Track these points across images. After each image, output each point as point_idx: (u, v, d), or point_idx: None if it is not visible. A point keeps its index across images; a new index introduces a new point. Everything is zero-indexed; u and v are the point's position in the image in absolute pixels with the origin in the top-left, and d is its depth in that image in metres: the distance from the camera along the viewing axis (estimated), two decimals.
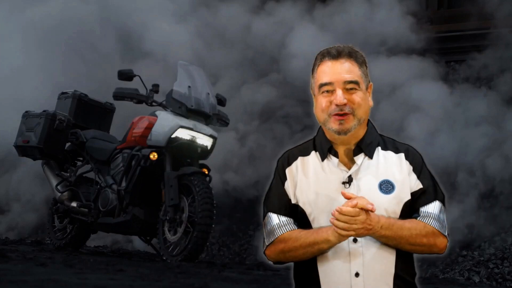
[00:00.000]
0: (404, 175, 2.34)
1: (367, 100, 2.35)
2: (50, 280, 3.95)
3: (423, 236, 2.28)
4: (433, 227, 2.30)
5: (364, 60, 2.36)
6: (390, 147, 2.39)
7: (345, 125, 2.30)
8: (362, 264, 2.26)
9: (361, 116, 2.31)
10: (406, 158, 2.37)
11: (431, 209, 2.32)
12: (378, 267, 2.27)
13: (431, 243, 2.30)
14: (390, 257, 2.29)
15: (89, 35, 9.68)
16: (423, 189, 2.34)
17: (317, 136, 2.42)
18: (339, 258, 2.28)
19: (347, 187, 2.31)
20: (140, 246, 8.39)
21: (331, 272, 2.29)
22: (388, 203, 2.30)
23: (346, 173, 2.33)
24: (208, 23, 9.99)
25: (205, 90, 6.43)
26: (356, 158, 2.34)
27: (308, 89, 2.44)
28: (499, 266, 7.08)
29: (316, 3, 10.04)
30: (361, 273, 2.26)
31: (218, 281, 4.70)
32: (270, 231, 2.38)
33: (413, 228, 2.28)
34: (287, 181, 2.39)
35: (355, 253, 2.27)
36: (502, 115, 8.70)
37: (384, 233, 2.25)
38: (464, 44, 9.74)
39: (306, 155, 2.41)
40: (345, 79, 2.30)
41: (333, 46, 2.37)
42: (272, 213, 2.39)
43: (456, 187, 8.17)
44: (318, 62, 2.36)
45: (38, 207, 9.89)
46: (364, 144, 2.35)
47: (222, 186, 9.09)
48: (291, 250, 2.32)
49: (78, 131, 6.90)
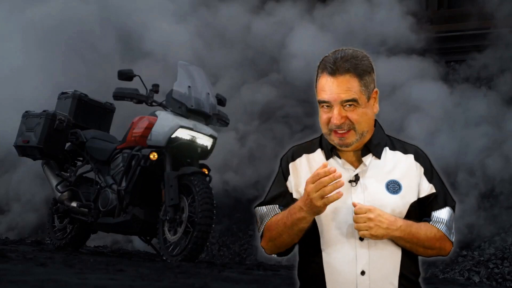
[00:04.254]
0: (412, 176, 2.33)
1: (369, 112, 2.29)
2: (50, 280, 3.95)
3: (436, 240, 2.30)
4: (443, 232, 2.32)
5: (366, 69, 2.26)
6: (398, 148, 2.38)
7: (346, 141, 2.28)
8: (368, 263, 2.26)
9: (362, 130, 2.28)
10: (416, 160, 2.36)
11: (443, 215, 2.33)
12: (383, 266, 2.27)
13: (441, 247, 2.33)
14: (396, 256, 2.29)
15: (89, 35, 9.68)
16: (436, 193, 2.34)
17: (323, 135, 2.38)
18: (345, 257, 2.27)
19: (354, 185, 2.30)
20: (140, 246, 8.39)
21: (336, 270, 2.28)
22: (395, 203, 2.29)
23: (353, 172, 2.32)
24: (208, 23, 9.99)
25: (205, 90, 6.43)
26: (364, 158, 2.32)
27: (308, 89, 2.44)
28: (499, 266, 7.08)
29: (316, 3, 10.04)
30: (366, 272, 2.26)
31: (218, 281, 4.70)
32: (260, 223, 2.40)
33: (428, 231, 2.29)
34: (290, 176, 2.38)
35: (361, 252, 2.27)
36: (502, 115, 8.70)
37: (402, 235, 2.25)
38: (464, 44, 9.73)
39: (311, 152, 2.39)
40: (341, 99, 2.24)
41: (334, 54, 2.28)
42: (258, 207, 2.41)
43: (456, 187, 8.16)
44: (318, 75, 2.30)
45: (38, 207, 9.89)
46: (372, 145, 2.33)
47: (222, 186, 9.09)
48: (277, 237, 2.33)
49: (78, 131, 6.90)
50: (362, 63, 2.26)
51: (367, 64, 2.28)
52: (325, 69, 2.26)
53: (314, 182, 2.18)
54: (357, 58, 2.26)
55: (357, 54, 2.27)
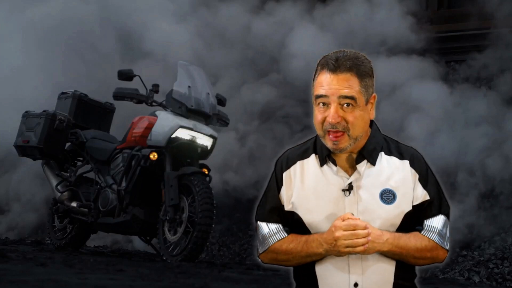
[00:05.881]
0: (407, 184, 2.28)
1: (366, 116, 2.24)
2: (50, 280, 3.95)
3: (427, 250, 2.27)
4: (435, 242, 2.27)
5: (367, 71, 2.23)
6: (394, 152, 2.31)
7: (339, 145, 2.22)
8: (361, 275, 2.24)
9: (356, 135, 2.22)
10: (411, 166, 2.29)
11: (435, 224, 2.28)
12: (377, 277, 2.25)
13: (433, 256, 2.29)
14: (389, 267, 2.26)
15: (89, 35, 9.68)
16: (430, 200, 2.29)
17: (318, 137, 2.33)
18: (338, 269, 2.25)
19: (347, 195, 2.25)
20: (140, 246, 8.39)
21: (329, 282, 2.26)
22: (388, 213, 2.25)
23: (347, 179, 2.26)
24: (208, 23, 9.99)
25: (205, 90, 6.43)
26: (359, 166, 2.26)
27: (308, 89, 2.40)
28: (499, 266, 7.08)
29: (316, 3, 10.04)
30: (360, 284, 2.24)
31: (218, 281, 4.70)
32: (262, 240, 2.36)
33: (418, 243, 2.25)
34: (283, 187, 2.34)
35: (354, 264, 2.24)
36: (502, 115, 8.70)
37: (389, 248, 2.22)
38: (464, 44, 9.73)
39: (305, 158, 2.33)
40: (340, 94, 2.18)
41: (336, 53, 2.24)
42: (261, 222, 2.37)
43: (456, 187, 8.17)
44: (318, 72, 2.25)
45: (38, 207, 9.89)
46: (367, 151, 2.27)
47: (222, 186, 9.09)
48: (284, 261, 2.33)
49: (78, 131, 6.90)
50: (364, 64, 2.24)
51: (368, 67, 2.25)
52: (326, 66, 2.21)
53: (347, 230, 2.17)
54: (359, 59, 2.24)
55: (360, 56, 2.25)
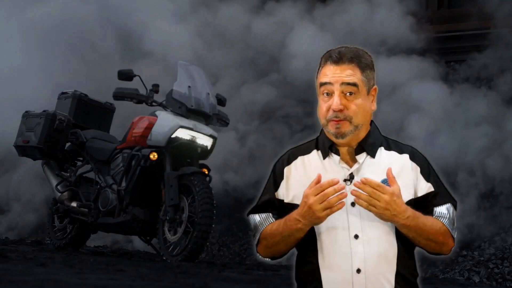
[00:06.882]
0: (407, 175, 2.34)
1: (367, 105, 2.34)
2: (50, 280, 3.95)
3: (440, 234, 2.31)
4: (447, 227, 2.33)
5: (368, 64, 2.35)
6: (394, 148, 2.39)
7: (340, 129, 2.30)
8: (364, 260, 2.26)
9: (358, 123, 2.31)
10: (411, 159, 2.37)
11: (445, 210, 2.35)
12: (379, 263, 2.27)
13: (444, 242, 2.34)
14: (391, 253, 2.29)
15: (89, 35, 9.68)
16: (435, 191, 2.35)
17: (320, 136, 2.42)
18: (340, 255, 2.28)
19: (348, 184, 2.30)
20: (140, 246, 8.39)
21: (332, 268, 2.29)
22: None
23: (348, 170, 2.33)
24: (208, 23, 10.00)
25: (205, 90, 6.43)
26: (358, 157, 2.34)
27: (308, 89, 2.45)
28: (499, 266, 7.08)
29: (316, 3, 10.04)
30: (362, 270, 2.26)
31: (218, 281, 4.70)
32: (255, 231, 2.44)
33: (434, 224, 2.30)
34: (283, 181, 2.41)
35: (356, 250, 2.27)
36: (502, 115, 8.70)
37: (409, 223, 2.25)
38: (464, 44, 9.74)
39: (307, 154, 2.41)
40: (343, 81, 2.29)
41: (338, 48, 2.36)
42: (253, 214, 2.46)
43: (456, 187, 8.17)
44: (321, 65, 2.36)
45: (38, 207, 9.89)
46: (367, 144, 2.35)
47: (222, 186, 9.09)
48: (273, 245, 2.38)
49: (78, 131, 6.90)
50: (365, 58, 2.36)
51: (369, 60, 2.37)
52: (330, 58, 2.33)
53: (316, 194, 2.21)
54: (361, 53, 2.36)
55: (361, 51, 2.37)
